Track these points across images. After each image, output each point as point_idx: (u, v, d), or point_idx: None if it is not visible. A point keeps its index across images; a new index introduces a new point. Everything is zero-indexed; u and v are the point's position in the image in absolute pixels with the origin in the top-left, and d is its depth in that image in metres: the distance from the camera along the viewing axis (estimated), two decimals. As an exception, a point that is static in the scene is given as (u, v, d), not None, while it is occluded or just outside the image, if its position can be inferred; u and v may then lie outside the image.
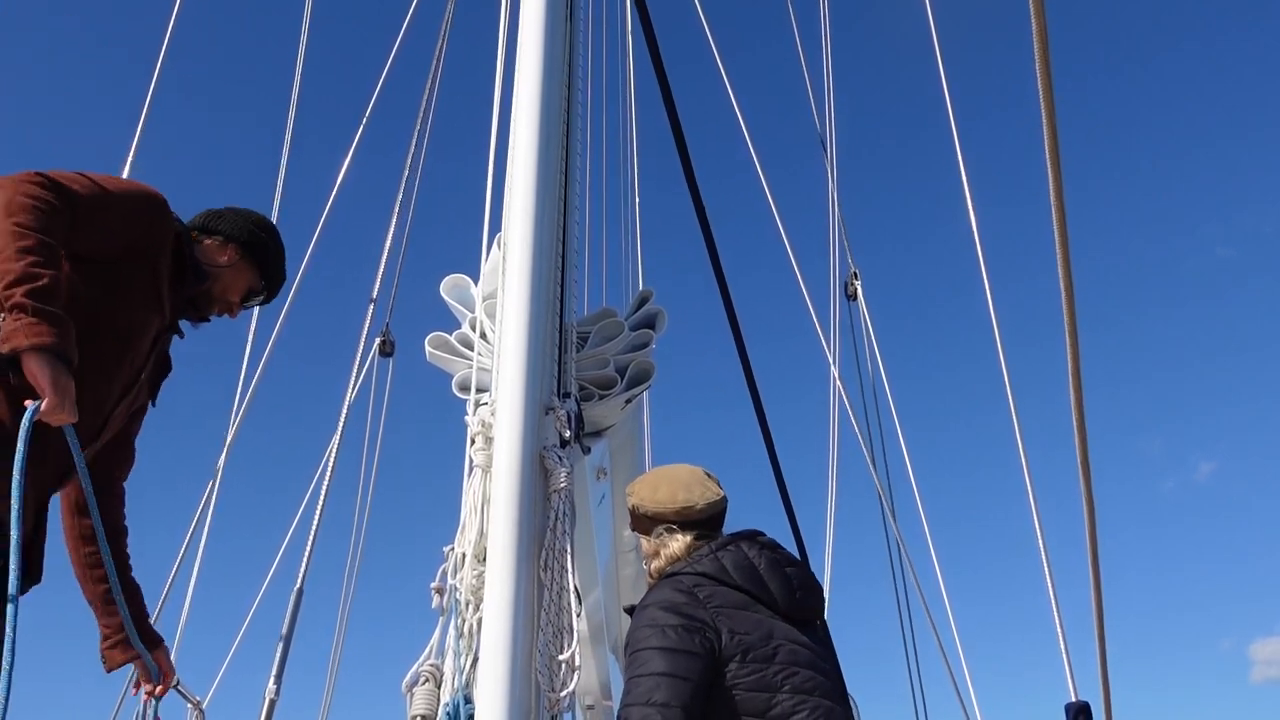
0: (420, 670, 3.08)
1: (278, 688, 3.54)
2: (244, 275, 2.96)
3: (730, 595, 2.49)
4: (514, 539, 2.93)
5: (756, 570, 2.57)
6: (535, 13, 3.83)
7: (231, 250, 2.93)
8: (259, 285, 3.00)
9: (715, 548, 2.64)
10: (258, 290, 3.01)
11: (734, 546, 2.64)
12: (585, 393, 3.94)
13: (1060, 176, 1.64)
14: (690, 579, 2.54)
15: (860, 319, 6.09)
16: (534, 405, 3.22)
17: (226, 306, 2.99)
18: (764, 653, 2.39)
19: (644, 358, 4.17)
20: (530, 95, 3.68)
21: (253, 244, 2.96)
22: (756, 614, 2.47)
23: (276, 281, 3.07)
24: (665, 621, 2.40)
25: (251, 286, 2.99)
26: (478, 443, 3.26)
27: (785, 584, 2.58)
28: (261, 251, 2.98)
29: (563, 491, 3.11)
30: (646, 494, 2.88)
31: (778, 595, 2.55)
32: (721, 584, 2.53)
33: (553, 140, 3.68)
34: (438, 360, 4.10)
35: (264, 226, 3.01)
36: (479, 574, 3.04)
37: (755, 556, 2.61)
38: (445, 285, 4.29)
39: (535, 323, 3.33)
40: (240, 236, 2.94)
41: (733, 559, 2.59)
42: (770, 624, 2.47)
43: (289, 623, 3.68)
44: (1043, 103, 1.55)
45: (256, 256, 2.97)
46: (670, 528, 2.77)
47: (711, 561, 2.59)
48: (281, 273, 3.08)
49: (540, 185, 3.53)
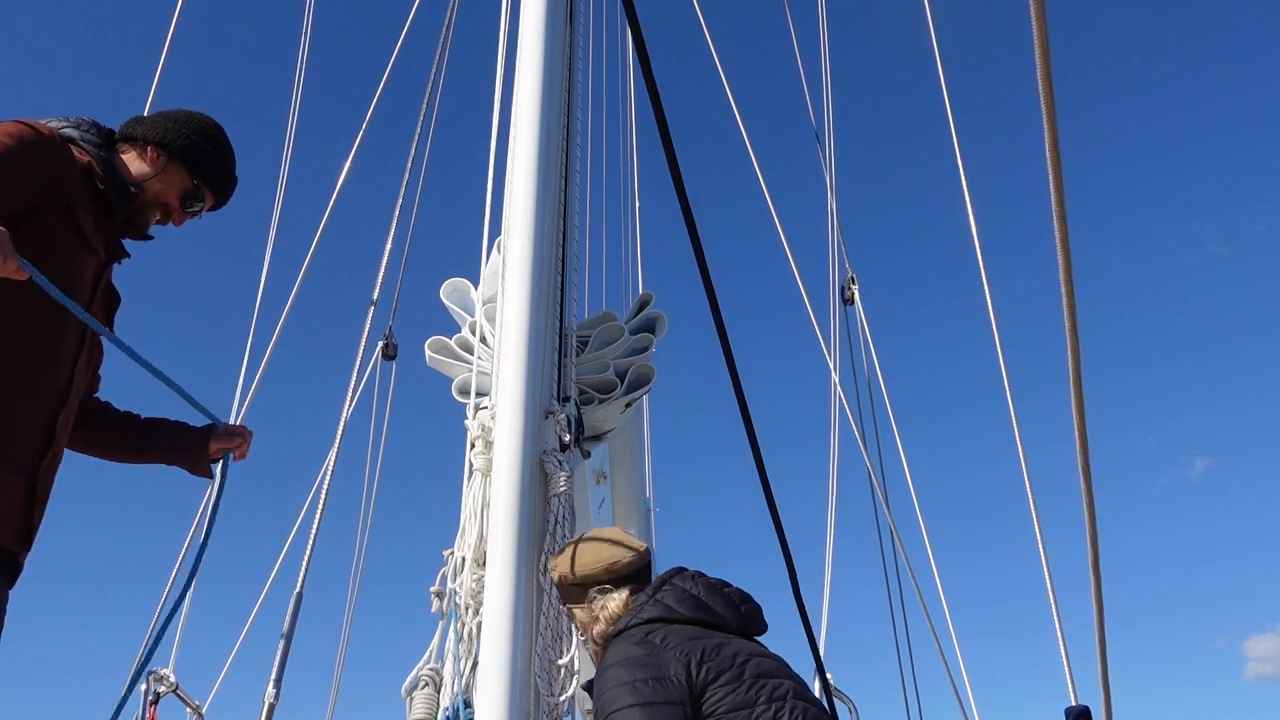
0: (420, 674, 3.08)
1: (277, 691, 3.53)
2: (173, 177, 2.71)
3: (683, 630, 2.45)
4: (514, 543, 2.93)
5: (699, 598, 2.55)
6: (535, 18, 3.84)
7: (153, 153, 2.69)
8: (192, 185, 2.74)
9: (652, 592, 2.60)
10: (193, 191, 2.75)
11: (669, 586, 2.60)
12: (585, 396, 3.94)
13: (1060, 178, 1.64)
14: (639, 630, 2.48)
15: (858, 324, 6.09)
16: (534, 409, 3.21)
17: (165, 215, 2.75)
18: (733, 673, 2.37)
19: (644, 361, 4.18)
20: (530, 99, 3.68)
21: (172, 142, 2.70)
22: (713, 639, 2.44)
23: (216, 180, 2.80)
24: (634, 678, 2.33)
25: (184, 188, 2.73)
26: (477, 446, 3.26)
27: (728, 602, 2.57)
28: (188, 147, 2.72)
29: (562, 495, 3.11)
30: (571, 563, 2.78)
31: (725, 614, 2.54)
32: (671, 623, 2.49)
33: (553, 144, 3.68)
34: (438, 364, 4.11)
35: (189, 121, 2.76)
36: (479, 578, 3.04)
37: (692, 586, 2.59)
38: (445, 289, 4.29)
39: (535, 326, 3.33)
40: (156, 136, 2.70)
41: (674, 595, 2.56)
42: (729, 644, 2.44)
43: (288, 626, 3.67)
44: (1044, 106, 1.55)
45: (183, 154, 2.71)
46: (603, 588, 2.70)
47: (654, 606, 2.55)
48: (221, 169, 2.81)
49: (540, 189, 3.53)
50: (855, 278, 6.24)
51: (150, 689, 3.71)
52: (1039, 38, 1.41)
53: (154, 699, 3.70)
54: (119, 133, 2.72)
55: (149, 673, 3.73)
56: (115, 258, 2.70)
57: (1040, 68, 1.44)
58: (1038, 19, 1.39)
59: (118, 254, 2.71)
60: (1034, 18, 1.39)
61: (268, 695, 3.51)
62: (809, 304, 5.49)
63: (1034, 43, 1.42)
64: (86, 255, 2.53)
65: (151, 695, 3.70)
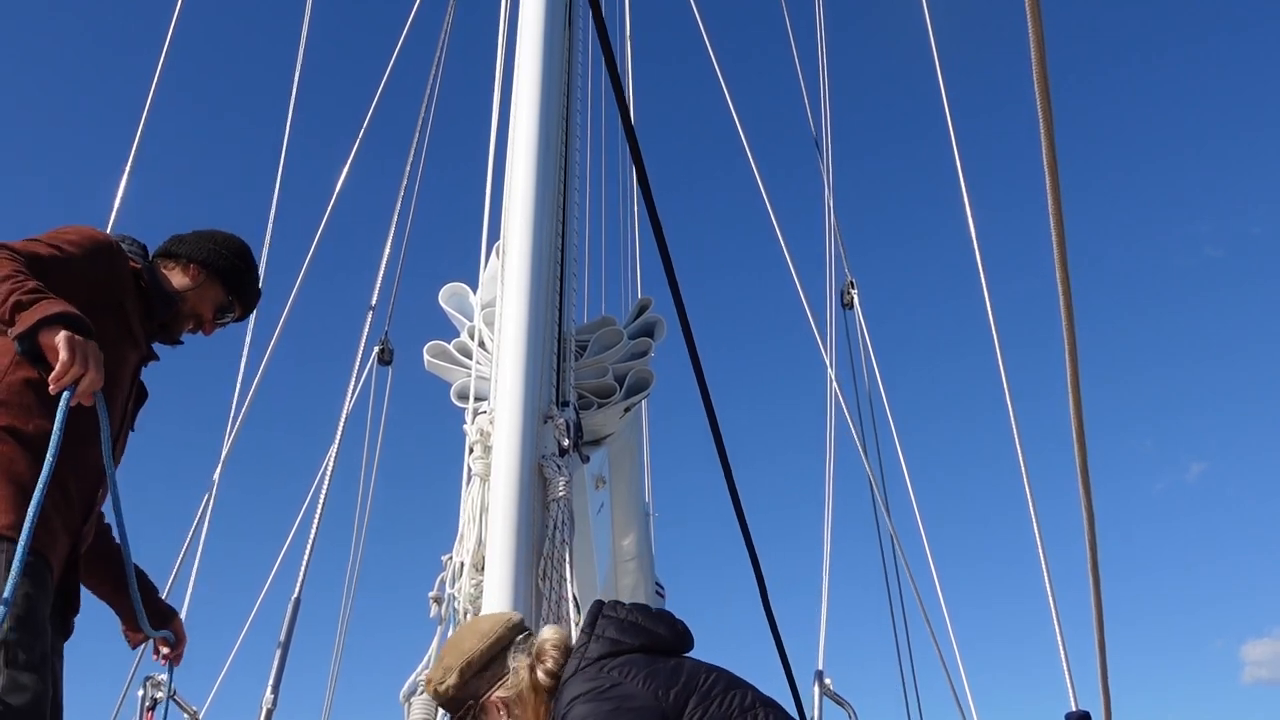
0: (418, 679, 3.07)
1: (275, 697, 3.53)
2: (209, 292, 3.01)
3: (634, 660, 2.34)
4: (512, 548, 2.93)
5: (639, 624, 2.44)
6: (534, 22, 3.84)
7: (194, 270, 2.99)
8: (227, 300, 3.05)
9: (588, 628, 2.45)
10: (227, 305, 3.06)
11: (603, 619, 2.46)
12: (584, 401, 3.93)
13: (1057, 181, 1.64)
14: (592, 668, 2.34)
15: (857, 327, 6.09)
16: (533, 414, 3.21)
17: (199, 324, 3.04)
18: (701, 690, 2.32)
19: (643, 366, 4.17)
20: (529, 103, 3.68)
21: (213, 261, 3.01)
22: (667, 662, 2.36)
23: (247, 295, 3.12)
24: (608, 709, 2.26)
25: (219, 302, 3.04)
26: (476, 451, 3.25)
27: (666, 623, 2.49)
28: (225, 267, 3.03)
29: (561, 500, 3.11)
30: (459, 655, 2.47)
31: (667, 635, 2.45)
32: (618, 654, 2.37)
33: (551, 148, 3.69)
34: (436, 369, 4.10)
35: (226, 243, 3.07)
36: (477, 583, 3.03)
37: (628, 614, 2.46)
38: (444, 294, 4.29)
39: (534, 331, 3.33)
40: (199, 256, 3.00)
41: (615, 627, 2.42)
42: (682, 664, 2.37)
43: (286, 631, 3.67)
44: (1040, 108, 1.55)
45: (220, 273, 3.02)
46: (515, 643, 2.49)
47: (599, 643, 2.39)
48: (251, 286, 3.13)
49: (539, 192, 3.53)
50: (854, 281, 6.24)
51: (148, 694, 3.70)
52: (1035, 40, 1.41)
53: (151, 704, 3.69)
54: (162, 248, 3.03)
55: (146, 677, 3.72)
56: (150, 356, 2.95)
57: (1036, 70, 1.44)
58: (1033, 22, 1.39)
59: (149, 356, 2.95)
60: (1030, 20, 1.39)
61: (265, 701, 3.51)
62: (808, 308, 5.49)
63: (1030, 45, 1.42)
64: (130, 349, 2.79)
65: (149, 700, 3.69)
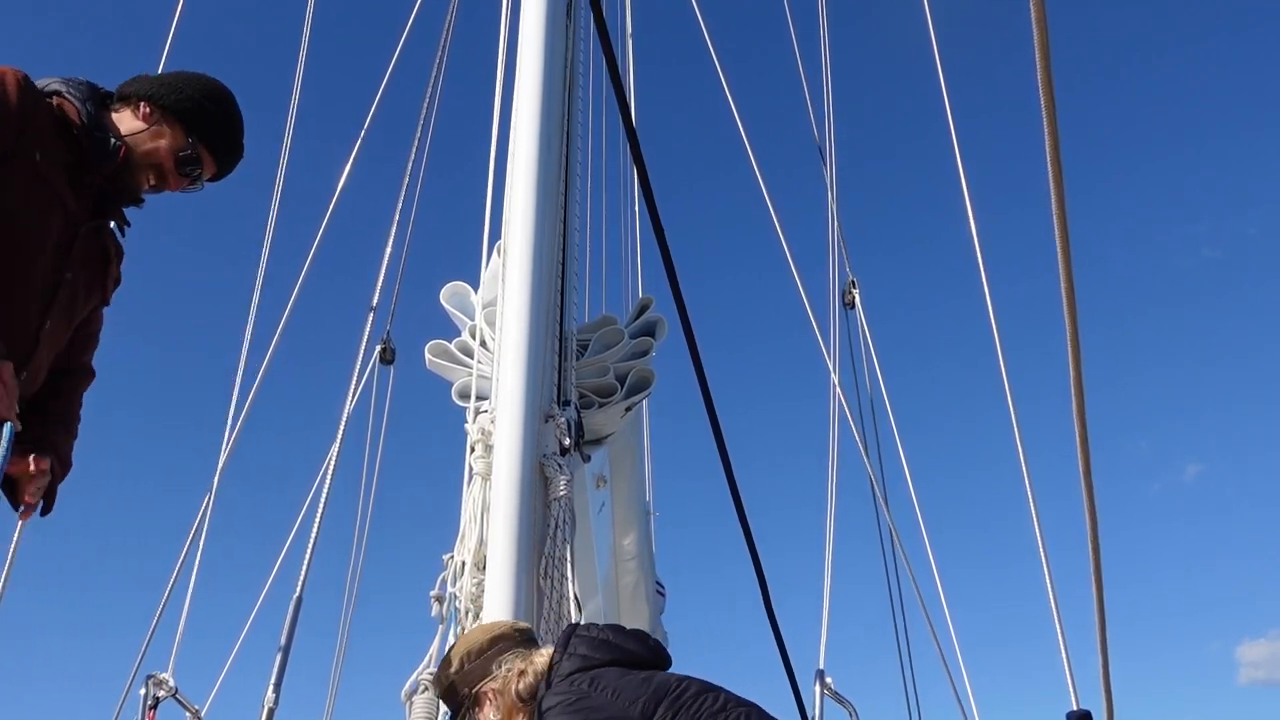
0: (420, 678, 3.08)
1: (276, 696, 3.53)
2: (165, 137, 2.47)
3: (604, 673, 2.37)
4: (514, 547, 2.93)
5: (610, 640, 2.48)
6: (535, 22, 3.84)
7: (145, 110, 2.46)
8: (185, 143, 2.49)
9: (561, 647, 2.49)
10: (186, 149, 2.50)
11: (575, 638, 2.49)
12: (585, 400, 3.94)
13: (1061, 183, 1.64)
14: (564, 684, 2.37)
15: (859, 327, 6.09)
16: (534, 413, 3.21)
17: (159, 178, 2.50)
18: (673, 695, 2.33)
19: (644, 365, 4.17)
20: (530, 103, 3.68)
21: (166, 98, 2.48)
22: (638, 674, 2.38)
23: (212, 139, 2.54)
24: None
25: (177, 146, 2.48)
26: (477, 450, 3.26)
27: (637, 639, 2.52)
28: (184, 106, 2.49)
29: (562, 499, 3.11)
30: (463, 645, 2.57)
31: (638, 650, 2.47)
32: (589, 669, 2.40)
33: (552, 147, 3.69)
34: (438, 368, 4.10)
35: (191, 80, 2.55)
36: (478, 582, 3.04)
37: (599, 633, 2.51)
38: (445, 293, 4.29)
39: (535, 330, 3.33)
40: (149, 91, 2.48)
41: (586, 645, 2.46)
42: (653, 675, 2.40)
43: (287, 631, 3.67)
44: (1044, 108, 1.55)
45: (178, 112, 2.48)
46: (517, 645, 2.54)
47: (571, 659, 2.43)
48: (218, 129, 2.55)
49: (540, 192, 3.53)
50: (856, 281, 6.24)
51: (149, 693, 3.71)
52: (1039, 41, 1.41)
53: (153, 703, 3.71)
54: (116, 92, 2.52)
55: (148, 676, 3.73)
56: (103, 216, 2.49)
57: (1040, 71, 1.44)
58: (1038, 22, 1.39)
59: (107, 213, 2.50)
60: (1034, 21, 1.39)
61: (267, 700, 3.51)
62: (809, 308, 5.49)
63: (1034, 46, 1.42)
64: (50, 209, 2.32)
65: (150, 699, 3.70)
